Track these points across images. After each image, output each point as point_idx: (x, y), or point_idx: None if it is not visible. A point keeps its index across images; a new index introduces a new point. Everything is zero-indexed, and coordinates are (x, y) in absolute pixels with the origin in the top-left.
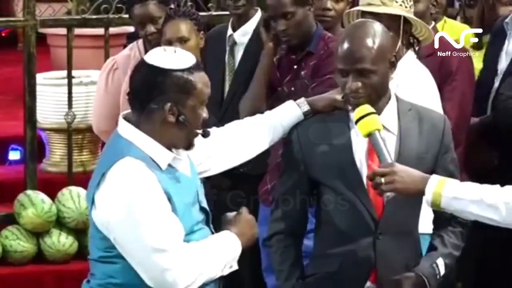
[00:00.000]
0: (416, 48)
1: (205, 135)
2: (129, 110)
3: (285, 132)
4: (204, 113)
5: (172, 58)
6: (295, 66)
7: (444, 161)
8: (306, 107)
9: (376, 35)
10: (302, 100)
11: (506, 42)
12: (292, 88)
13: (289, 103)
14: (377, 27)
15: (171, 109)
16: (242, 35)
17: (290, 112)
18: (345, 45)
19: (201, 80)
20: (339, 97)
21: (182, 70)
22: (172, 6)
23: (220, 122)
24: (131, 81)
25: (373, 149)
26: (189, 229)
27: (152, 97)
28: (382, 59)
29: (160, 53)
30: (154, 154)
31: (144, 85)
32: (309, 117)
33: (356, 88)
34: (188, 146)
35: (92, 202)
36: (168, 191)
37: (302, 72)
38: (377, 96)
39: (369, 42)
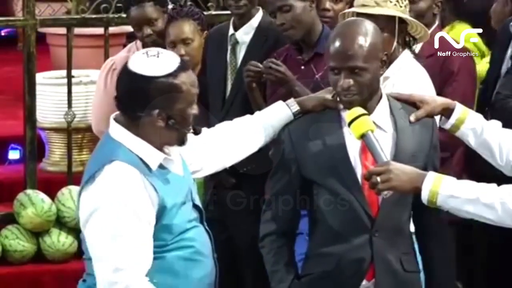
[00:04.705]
0: (413, 47)
1: (196, 132)
2: None
3: (275, 132)
4: (194, 110)
5: (155, 63)
6: (303, 67)
7: (433, 159)
8: (295, 107)
9: (367, 33)
10: (291, 100)
11: (510, 48)
12: None
13: (279, 104)
14: (368, 25)
15: (160, 114)
16: (244, 34)
17: (280, 112)
18: (337, 43)
19: (186, 81)
20: (329, 96)
21: (166, 76)
22: (171, 6)
23: (223, 121)
24: (117, 87)
25: (368, 150)
26: (181, 227)
27: (138, 105)
28: (373, 57)
29: (142, 59)
30: (144, 155)
31: (129, 93)
32: (298, 117)
33: (348, 86)
34: (181, 143)
35: (78, 201)
36: (158, 191)
37: (317, 76)
38: (369, 94)
39: (360, 40)
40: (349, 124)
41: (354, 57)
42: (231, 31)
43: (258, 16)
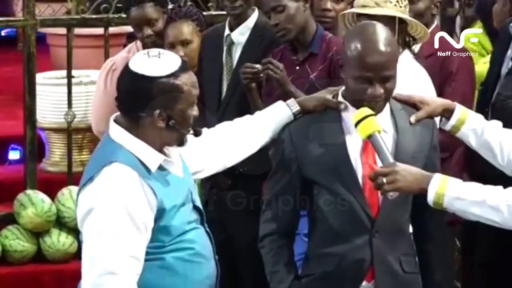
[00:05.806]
0: (413, 47)
1: (197, 134)
2: None
3: (275, 132)
4: (194, 112)
5: (156, 64)
6: (297, 67)
7: (433, 159)
8: (296, 108)
9: (388, 39)
10: (292, 100)
11: (510, 49)
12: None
13: (279, 104)
14: (385, 29)
15: (161, 115)
16: (240, 35)
17: (280, 112)
18: (366, 52)
19: (187, 81)
20: (330, 96)
21: (168, 76)
22: (170, 6)
23: (219, 122)
24: (117, 88)
25: (375, 150)
26: (180, 229)
27: (139, 105)
28: (396, 62)
29: (144, 59)
30: (144, 157)
31: (130, 94)
32: (299, 117)
33: (380, 94)
34: (180, 143)
35: (77, 201)
36: (157, 193)
37: (312, 76)
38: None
39: (388, 48)
40: (356, 124)
41: (387, 66)
42: (226, 31)
43: (254, 17)
